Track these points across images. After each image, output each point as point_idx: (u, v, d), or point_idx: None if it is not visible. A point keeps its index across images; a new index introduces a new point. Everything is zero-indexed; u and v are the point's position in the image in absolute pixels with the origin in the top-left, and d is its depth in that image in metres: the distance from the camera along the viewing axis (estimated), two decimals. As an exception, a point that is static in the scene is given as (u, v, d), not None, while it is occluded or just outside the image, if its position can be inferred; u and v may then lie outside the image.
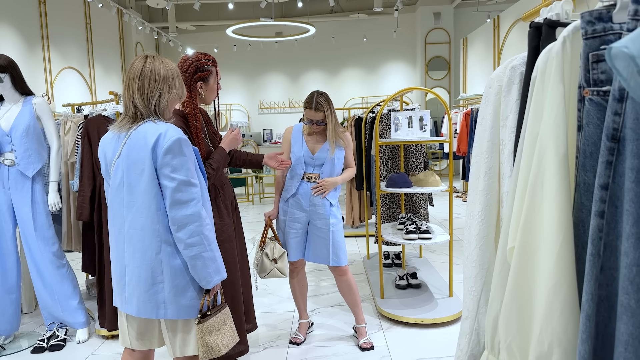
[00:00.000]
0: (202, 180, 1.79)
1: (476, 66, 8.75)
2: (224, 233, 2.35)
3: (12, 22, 7.13)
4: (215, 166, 2.26)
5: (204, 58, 2.28)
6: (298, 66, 12.74)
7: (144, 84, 1.70)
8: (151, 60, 1.73)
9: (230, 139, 2.39)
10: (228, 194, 2.45)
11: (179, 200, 1.64)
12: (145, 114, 1.71)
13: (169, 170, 1.64)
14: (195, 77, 2.26)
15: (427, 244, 3.14)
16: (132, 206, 1.69)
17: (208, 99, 2.36)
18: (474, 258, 0.92)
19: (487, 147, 0.92)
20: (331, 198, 2.77)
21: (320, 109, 2.71)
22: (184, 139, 1.67)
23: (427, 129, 3.56)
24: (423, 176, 3.34)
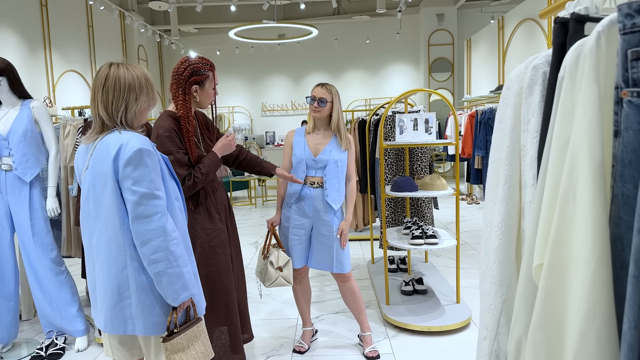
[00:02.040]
0: (172, 190, 1.71)
1: (480, 67, 8.67)
2: (216, 238, 2.29)
3: (13, 25, 7.09)
4: (205, 170, 2.19)
5: (201, 62, 2.22)
6: (301, 68, 12.68)
7: (108, 95, 1.63)
8: (115, 68, 1.65)
9: (223, 144, 2.32)
10: (220, 199, 2.38)
11: (141, 214, 1.56)
12: (111, 126, 1.65)
13: (130, 183, 1.56)
14: (191, 80, 2.20)
15: (434, 249, 3.06)
16: (98, 219, 1.63)
17: (203, 103, 2.29)
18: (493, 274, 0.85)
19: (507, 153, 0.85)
20: (334, 203, 2.69)
21: (327, 89, 2.67)
22: (146, 149, 1.59)
23: (433, 131, 3.48)
24: (429, 179, 3.26)
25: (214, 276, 2.30)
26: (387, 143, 3.28)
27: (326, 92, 2.67)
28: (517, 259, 0.87)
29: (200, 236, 2.27)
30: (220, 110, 12.99)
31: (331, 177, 2.68)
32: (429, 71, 11.72)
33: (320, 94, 2.67)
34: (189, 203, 2.27)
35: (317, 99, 2.67)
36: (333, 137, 2.73)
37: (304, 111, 12.66)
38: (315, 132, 2.77)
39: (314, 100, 2.68)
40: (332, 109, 2.70)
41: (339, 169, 2.70)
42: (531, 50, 6.47)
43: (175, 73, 2.22)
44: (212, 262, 2.29)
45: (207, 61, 2.26)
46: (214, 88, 2.32)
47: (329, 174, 2.68)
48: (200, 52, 12.73)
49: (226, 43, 12.21)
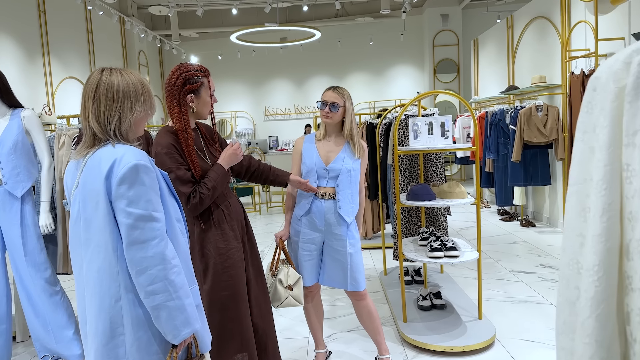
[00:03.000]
0: (172, 211, 1.52)
1: (488, 68, 8.45)
2: (230, 259, 2.08)
3: (10, 31, 6.93)
4: (211, 185, 2.01)
5: (193, 69, 2.05)
6: (303, 72, 12.50)
7: (99, 104, 1.44)
8: (108, 74, 1.46)
9: (229, 154, 2.13)
10: (235, 213, 2.19)
11: (137, 239, 1.36)
12: (103, 139, 1.46)
13: (124, 204, 1.37)
14: (185, 90, 2.02)
15: (455, 263, 2.85)
16: (89, 244, 1.42)
17: (202, 112, 2.10)
18: (588, 332, 0.65)
19: (604, 174, 0.65)
20: (347, 216, 2.49)
21: (339, 93, 2.48)
22: (143, 165, 1.39)
23: (450, 135, 3.27)
24: (447, 187, 3.06)
25: (227, 302, 2.09)
26: (401, 149, 3.07)
27: (338, 95, 2.48)
28: (619, 313, 0.67)
29: (212, 257, 2.07)
30: (222, 116, 12.84)
31: (344, 187, 2.48)
32: (434, 72, 11.52)
33: (331, 98, 2.47)
34: (199, 221, 2.07)
35: (329, 104, 2.47)
36: (346, 144, 2.54)
37: (307, 115, 12.49)
38: (326, 138, 2.57)
39: (325, 105, 2.48)
40: (344, 114, 2.50)
41: (353, 178, 2.50)
42: (543, 50, 6.26)
43: (167, 84, 2.04)
44: (226, 286, 2.09)
45: (200, 67, 2.08)
46: (211, 95, 2.12)
47: (342, 184, 2.48)
48: (202, 57, 12.58)
49: (228, 47, 12.05)
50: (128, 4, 10.87)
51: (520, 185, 6.10)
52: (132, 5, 11.03)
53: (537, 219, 6.62)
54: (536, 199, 6.67)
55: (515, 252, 5.06)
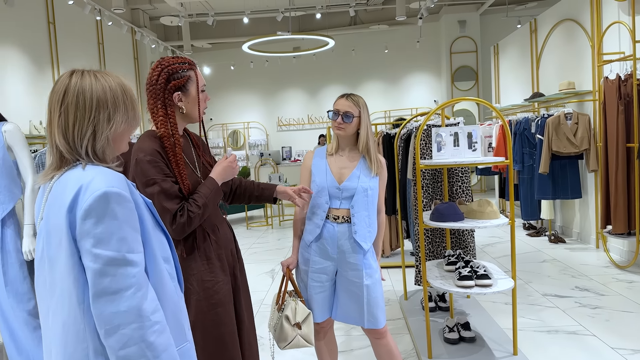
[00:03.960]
0: (158, 249, 1.21)
1: (510, 74, 8.09)
2: (217, 294, 1.76)
3: (19, 43, 6.79)
4: (202, 202, 1.70)
5: (176, 61, 1.74)
6: (317, 81, 12.25)
7: (67, 115, 1.15)
8: (79, 78, 1.17)
9: (223, 167, 1.81)
10: (223, 240, 1.86)
11: (107, 289, 1.07)
12: (71, 159, 1.17)
13: (90, 244, 1.07)
14: (169, 88, 1.71)
15: (488, 293, 2.50)
16: (54, 292, 1.13)
17: (192, 113, 1.79)
18: None
19: None
20: (364, 241, 2.16)
21: (354, 101, 2.17)
22: (114, 193, 1.10)
23: (478, 147, 2.94)
24: (477, 206, 2.71)
25: (214, 343, 1.77)
26: (424, 162, 2.74)
27: (352, 104, 2.17)
28: None
29: (196, 291, 1.76)
30: (235, 126, 12.63)
31: (360, 209, 2.16)
32: (452, 80, 11.17)
33: (345, 107, 2.16)
34: (180, 247, 1.76)
35: (342, 114, 2.16)
36: (361, 160, 2.22)
37: (321, 125, 12.21)
38: (339, 153, 2.26)
39: (338, 114, 2.17)
40: (359, 124, 2.19)
41: (369, 198, 2.18)
42: (571, 54, 5.88)
43: (148, 83, 1.74)
44: (212, 325, 1.77)
45: (184, 59, 1.77)
46: (202, 90, 1.80)
47: (357, 206, 2.16)
48: (214, 68, 12.43)
49: (240, 58, 11.87)
50: (140, 15, 10.77)
51: (548, 198, 5.70)
52: (144, 16, 10.94)
53: (566, 234, 6.20)
54: (565, 212, 6.25)
55: (546, 272, 4.66)
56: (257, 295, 4.41)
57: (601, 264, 4.84)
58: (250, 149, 12.53)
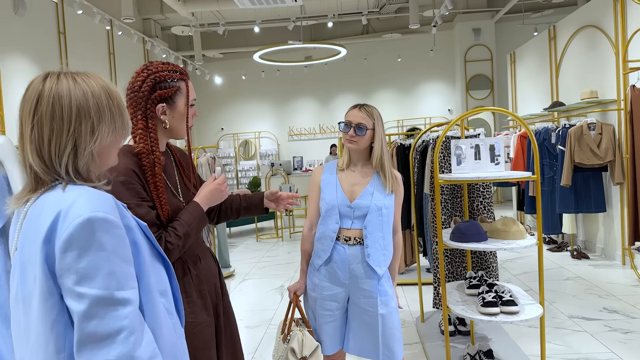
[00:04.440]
0: (153, 282, 1.03)
1: (527, 82, 7.85)
2: (197, 337, 1.52)
3: (29, 53, 6.75)
4: (182, 232, 1.46)
5: (166, 69, 1.51)
6: (329, 90, 12.10)
7: (41, 127, 0.98)
8: (54, 81, 0.99)
9: (210, 190, 1.58)
10: (206, 274, 1.61)
11: (93, 334, 0.89)
12: (48, 180, 0.99)
13: (72, 281, 0.89)
14: (154, 98, 1.48)
15: (515, 321, 2.27)
16: (29, 337, 0.95)
17: (177, 129, 1.55)
18: None
19: None
20: (378, 265, 1.96)
21: (367, 112, 1.98)
22: (101, 218, 0.92)
23: (501, 161, 2.72)
24: (501, 225, 2.49)
25: None
26: (443, 177, 2.54)
27: (366, 115, 1.98)
28: None
29: None
30: (246, 136, 12.51)
31: (373, 229, 1.96)
32: (467, 89, 10.94)
33: (357, 118, 1.98)
34: None
35: (354, 126, 1.97)
36: (375, 175, 2.03)
37: (332, 134, 12.04)
38: (350, 168, 2.07)
39: (350, 126, 1.98)
40: (373, 137, 2.00)
41: (384, 218, 1.98)
42: (593, 62, 5.64)
43: (130, 89, 1.50)
44: None
45: (174, 67, 1.54)
46: (191, 105, 1.57)
47: (371, 226, 1.96)
48: (226, 77, 12.36)
49: (252, 67, 11.79)
50: (152, 25, 10.75)
51: (570, 212, 5.43)
52: (155, 26, 10.92)
53: (589, 249, 5.91)
54: (588, 227, 5.97)
55: (570, 291, 4.39)
56: (265, 314, 4.21)
57: (629, 282, 4.57)
58: (261, 158, 12.40)
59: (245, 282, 5.33)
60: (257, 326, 3.92)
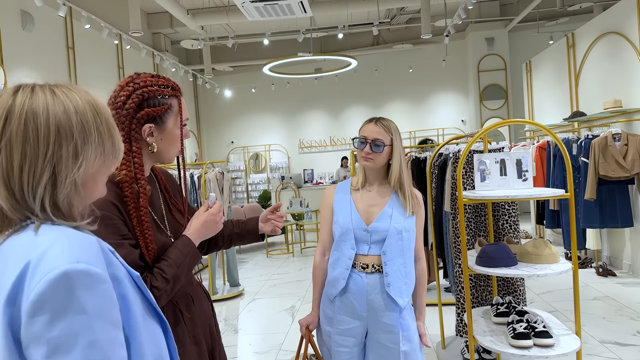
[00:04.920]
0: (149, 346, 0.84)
1: (544, 92, 7.62)
2: None
3: (37, 68, 6.68)
4: (171, 274, 1.24)
5: (156, 83, 1.30)
6: (339, 102, 11.96)
7: (11, 152, 0.79)
8: (27, 95, 0.81)
9: (203, 221, 1.36)
10: (200, 316, 1.41)
11: None
12: (17, 219, 0.80)
13: (42, 353, 0.69)
14: (140, 117, 1.27)
15: (551, 355, 2.04)
16: None
17: (165, 153, 1.34)
18: None
19: None
20: (399, 296, 1.76)
21: (384, 127, 1.80)
22: (83, 271, 0.72)
23: (529, 177, 2.52)
24: (532, 247, 2.28)
25: None
26: (467, 195, 2.33)
27: (382, 130, 1.80)
28: None
29: None
30: (256, 149, 12.38)
31: (393, 255, 1.76)
32: (480, 99, 10.72)
33: (373, 133, 1.79)
34: None
35: (370, 142, 1.79)
36: (393, 195, 1.84)
37: (343, 147, 11.87)
38: (366, 187, 1.88)
39: (365, 143, 1.80)
40: (391, 154, 1.81)
41: (405, 242, 1.78)
42: (616, 69, 5.41)
43: (111, 106, 1.28)
44: None
45: (165, 81, 1.33)
46: (183, 124, 1.36)
47: (391, 251, 1.76)
48: (235, 91, 12.28)
49: (262, 80, 11.70)
50: (161, 39, 10.72)
51: (595, 227, 5.17)
52: (165, 40, 10.89)
53: (615, 265, 5.62)
54: (613, 242, 5.69)
55: (599, 313, 4.13)
56: (276, 338, 4.00)
57: (662, 302, 4.29)
58: (271, 171, 12.25)
59: (255, 301, 5.13)
60: (267, 352, 3.71)
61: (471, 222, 2.88)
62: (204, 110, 12.74)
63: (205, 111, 12.74)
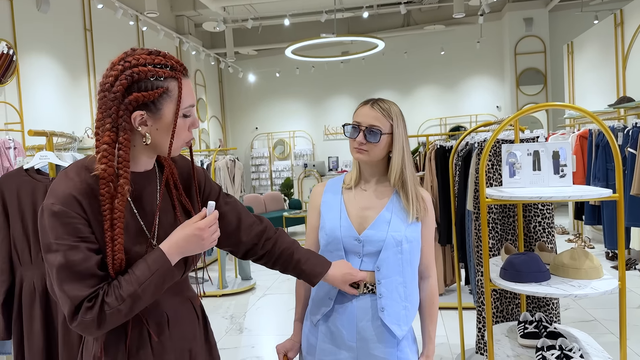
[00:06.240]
0: None
1: (587, 76, 7.00)
2: None
3: (54, 51, 6.54)
4: (129, 292, 1.02)
5: (152, 61, 1.06)
6: (366, 87, 11.48)
7: None
8: None
9: (186, 234, 1.09)
10: (175, 340, 1.17)
11: None
12: None
13: None
14: (128, 102, 1.04)
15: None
16: None
17: (164, 145, 1.11)
18: None
19: None
20: (396, 324, 1.41)
21: (382, 110, 1.43)
22: None
23: (568, 172, 2.10)
24: (569, 259, 1.88)
25: None
26: (491, 194, 1.94)
27: (379, 114, 1.43)
28: None
29: None
30: (281, 135, 12.09)
31: (390, 272, 1.41)
32: (517, 84, 10.06)
33: (369, 118, 1.43)
34: (96, 346, 1.09)
35: (364, 129, 1.43)
36: (393, 196, 1.47)
37: (371, 134, 11.43)
38: (360, 186, 1.52)
39: (357, 130, 1.44)
40: (391, 144, 1.45)
41: (405, 256, 1.42)
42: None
43: (101, 88, 1.07)
44: None
45: (164, 59, 1.08)
46: (185, 115, 1.11)
47: (386, 268, 1.41)
48: (260, 75, 11.98)
49: (286, 64, 11.35)
50: (185, 21, 10.49)
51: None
52: (188, 22, 10.65)
53: (664, 268, 5.08)
54: (662, 242, 5.12)
55: (646, 324, 3.65)
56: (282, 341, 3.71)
57: None
58: (295, 159, 11.95)
59: (265, 297, 4.86)
60: (270, 357, 3.43)
61: (497, 224, 2.48)
62: (229, 95, 12.51)
63: (230, 96, 12.51)
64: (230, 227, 1.29)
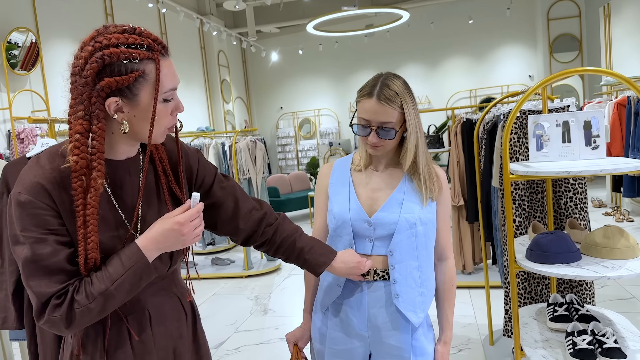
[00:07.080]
0: None
1: (625, 40, 6.58)
2: None
3: (74, 38, 6.57)
4: (100, 289, 0.94)
5: (125, 41, 0.95)
6: (392, 61, 11.19)
7: None
8: None
9: (164, 229, 0.99)
10: (160, 340, 1.11)
11: None
12: None
13: None
14: (100, 88, 0.94)
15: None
16: None
17: (144, 133, 1.01)
18: None
19: None
20: (412, 310, 1.32)
21: (389, 102, 1.28)
22: None
23: (602, 143, 1.94)
24: (602, 237, 1.74)
25: None
26: (516, 170, 1.81)
27: (389, 107, 1.29)
28: None
29: None
30: (306, 114, 11.98)
31: (404, 256, 1.32)
32: (550, 52, 9.61)
33: (378, 115, 1.30)
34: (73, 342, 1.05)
35: (375, 128, 1.31)
36: (405, 177, 1.37)
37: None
38: (371, 167, 1.42)
39: (368, 129, 1.33)
40: (404, 128, 1.34)
41: (420, 239, 1.33)
42: None
43: (71, 70, 0.98)
44: None
45: (140, 38, 0.97)
46: (166, 100, 1.01)
47: (400, 252, 1.32)
48: (282, 53, 11.82)
49: (309, 41, 11.15)
50: (206, 2, 10.40)
51: (686, 197, 4.37)
52: (210, 3, 10.55)
53: None
54: None
55: (689, 302, 3.45)
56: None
57: None
58: (321, 137, 11.84)
59: (290, 277, 4.85)
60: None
61: (524, 201, 2.33)
62: (252, 75, 12.43)
63: (254, 76, 12.43)
64: (227, 214, 1.22)
